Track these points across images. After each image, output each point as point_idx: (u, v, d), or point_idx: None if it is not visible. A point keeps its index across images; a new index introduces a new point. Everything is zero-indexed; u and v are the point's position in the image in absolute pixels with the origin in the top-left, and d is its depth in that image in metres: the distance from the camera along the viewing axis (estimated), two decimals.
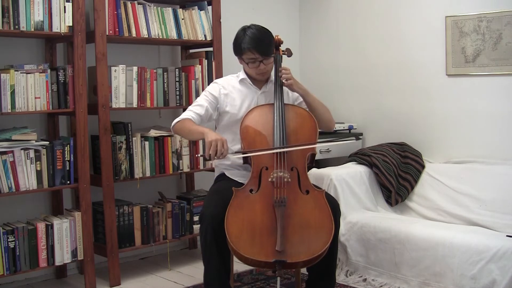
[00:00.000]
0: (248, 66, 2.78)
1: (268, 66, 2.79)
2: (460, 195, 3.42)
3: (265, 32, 2.78)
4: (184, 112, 2.79)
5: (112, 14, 3.24)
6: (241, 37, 2.75)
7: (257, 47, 2.71)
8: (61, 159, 3.07)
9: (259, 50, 2.71)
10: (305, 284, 2.81)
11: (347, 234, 3.31)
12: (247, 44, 2.71)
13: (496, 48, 3.52)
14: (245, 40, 2.72)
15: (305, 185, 2.58)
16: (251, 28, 2.76)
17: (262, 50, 2.72)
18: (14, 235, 2.92)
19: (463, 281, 2.80)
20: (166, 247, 3.66)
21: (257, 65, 2.75)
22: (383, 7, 4.12)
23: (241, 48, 2.74)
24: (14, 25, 2.88)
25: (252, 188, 2.56)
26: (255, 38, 2.71)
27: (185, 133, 2.74)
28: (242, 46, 2.73)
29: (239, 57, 2.81)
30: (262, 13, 4.42)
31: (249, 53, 2.73)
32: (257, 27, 2.77)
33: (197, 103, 2.81)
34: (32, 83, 2.95)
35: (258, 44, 2.71)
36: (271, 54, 2.77)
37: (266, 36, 2.76)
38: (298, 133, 2.71)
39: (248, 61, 2.76)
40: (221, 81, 2.90)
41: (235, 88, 2.85)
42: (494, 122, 3.56)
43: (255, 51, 2.71)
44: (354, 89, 4.35)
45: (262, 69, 2.77)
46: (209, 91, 2.84)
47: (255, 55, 2.72)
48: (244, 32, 2.75)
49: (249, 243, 2.37)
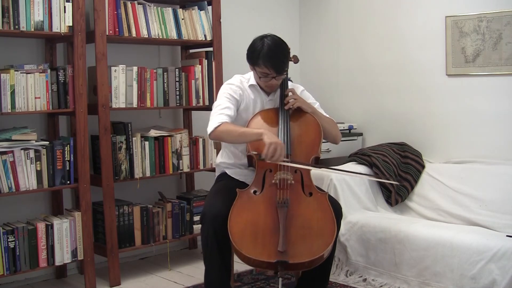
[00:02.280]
0: (260, 79, 2.73)
1: (279, 81, 2.75)
2: (460, 195, 3.42)
3: (282, 46, 2.68)
4: (215, 117, 2.63)
5: (112, 14, 3.24)
6: (258, 49, 2.64)
7: (274, 65, 2.63)
8: (61, 159, 3.06)
9: (275, 67, 2.64)
10: (297, 282, 2.81)
11: (347, 234, 3.31)
12: (263, 59, 2.62)
13: (496, 48, 3.52)
14: (262, 53, 2.62)
15: (308, 187, 2.59)
16: (268, 39, 2.66)
17: (278, 68, 2.65)
18: (14, 235, 2.92)
19: (463, 281, 2.80)
20: (166, 247, 3.66)
21: (269, 79, 2.70)
22: (383, 7, 4.12)
23: (257, 61, 2.66)
24: (14, 25, 2.87)
25: (255, 190, 2.57)
26: (272, 54, 2.62)
27: (234, 135, 2.58)
28: (259, 61, 2.64)
29: (252, 66, 2.73)
30: (262, 13, 4.42)
31: (264, 68, 2.65)
32: (274, 39, 2.67)
33: (224, 105, 2.68)
34: (32, 83, 2.95)
35: (275, 61, 2.63)
36: (284, 72, 2.71)
37: (283, 52, 2.68)
38: (302, 138, 2.72)
39: (261, 75, 2.70)
40: (236, 83, 2.80)
41: (247, 92, 2.80)
42: (494, 122, 3.56)
43: (271, 68, 2.64)
44: (354, 89, 4.35)
45: (273, 84, 2.73)
46: (229, 93, 2.74)
47: (270, 71, 2.66)
48: (262, 43, 2.65)
49: (251, 244, 2.37)
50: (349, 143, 4.19)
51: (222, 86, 2.82)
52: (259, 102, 2.81)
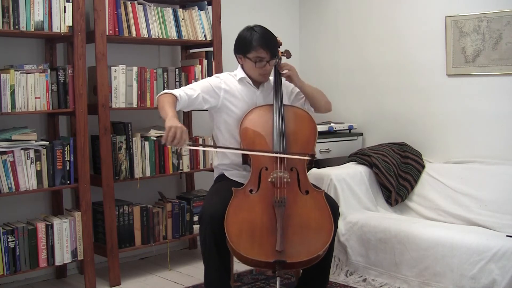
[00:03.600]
0: (255, 66, 2.73)
1: (271, 68, 2.78)
2: (460, 195, 3.42)
3: (271, 32, 2.76)
4: (176, 89, 2.70)
5: (112, 14, 3.24)
6: (249, 36, 2.70)
7: (269, 46, 2.69)
8: (61, 159, 3.07)
9: (269, 49, 2.69)
10: (297, 281, 2.81)
11: (347, 234, 3.31)
12: (258, 41, 2.67)
13: (496, 48, 3.52)
14: (255, 38, 2.68)
15: (304, 185, 2.59)
16: (257, 27, 2.73)
17: (272, 49, 2.71)
18: (14, 235, 2.92)
19: (463, 281, 2.80)
20: (166, 247, 3.66)
21: (264, 64, 2.72)
22: (383, 7, 4.12)
23: (251, 46, 2.69)
24: (14, 25, 2.87)
25: (251, 189, 2.55)
26: (265, 37, 2.70)
27: (159, 106, 2.59)
28: (252, 46, 2.68)
29: (244, 55, 2.75)
30: (262, 13, 4.42)
31: (260, 50, 2.68)
32: (262, 27, 2.75)
33: (191, 87, 2.74)
34: (32, 83, 2.95)
35: (268, 43, 2.70)
36: (277, 56, 2.76)
37: (273, 37, 2.76)
38: (297, 134, 2.71)
39: (256, 60, 2.71)
40: (222, 76, 2.85)
41: (235, 86, 2.82)
42: (494, 122, 3.56)
43: (267, 50, 2.68)
44: (354, 89, 4.35)
45: (267, 69, 2.75)
46: (209, 82, 2.78)
47: (265, 54, 2.69)
48: (251, 31, 2.72)
49: (249, 243, 2.37)
50: (349, 143, 4.19)
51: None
52: (249, 96, 2.81)
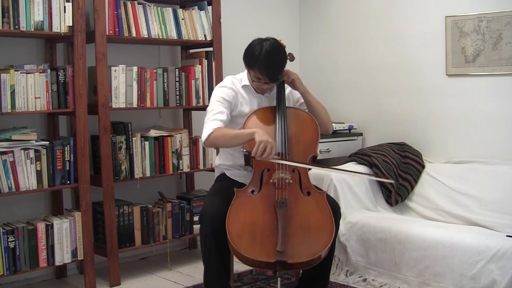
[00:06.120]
0: (252, 80, 2.73)
1: (270, 87, 2.74)
2: (460, 195, 3.42)
3: (279, 54, 2.68)
4: (208, 123, 2.61)
5: (112, 14, 3.24)
6: (256, 54, 2.62)
7: (269, 74, 2.63)
8: (61, 159, 3.06)
9: (269, 76, 2.64)
10: (298, 282, 2.81)
11: (347, 234, 3.31)
12: (259, 65, 2.62)
13: (496, 48, 3.52)
14: (259, 60, 2.61)
15: (306, 186, 2.59)
16: (268, 44, 2.64)
17: (272, 77, 2.65)
18: (14, 235, 2.92)
19: (463, 281, 2.80)
20: (166, 247, 3.66)
21: (261, 84, 2.70)
22: (383, 7, 4.12)
23: (253, 66, 2.65)
24: (14, 25, 2.87)
25: (253, 189, 2.56)
26: (269, 62, 2.62)
27: (228, 139, 2.57)
28: (255, 66, 2.63)
29: (248, 67, 2.72)
30: (262, 13, 4.42)
31: (258, 74, 2.65)
32: (273, 46, 2.65)
33: (216, 110, 2.66)
34: (32, 83, 2.95)
35: (270, 70, 2.63)
36: (278, 81, 2.71)
37: (280, 61, 2.67)
38: (300, 136, 2.71)
39: (254, 79, 2.70)
40: (228, 84, 2.78)
41: (241, 92, 2.79)
42: (494, 122, 3.56)
43: (266, 76, 2.64)
44: (354, 89, 4.35)
45: (264, 88, 2.73)
46: (221, 97, 2.71)
47: (264, 78, 2.66)
48: (261, 48, 2.63)
49: (250, 244, 2.37)
50: (349, 143, 4.19)
51: (214, 89, 2.81)
52: (255, 102, 2.80)
